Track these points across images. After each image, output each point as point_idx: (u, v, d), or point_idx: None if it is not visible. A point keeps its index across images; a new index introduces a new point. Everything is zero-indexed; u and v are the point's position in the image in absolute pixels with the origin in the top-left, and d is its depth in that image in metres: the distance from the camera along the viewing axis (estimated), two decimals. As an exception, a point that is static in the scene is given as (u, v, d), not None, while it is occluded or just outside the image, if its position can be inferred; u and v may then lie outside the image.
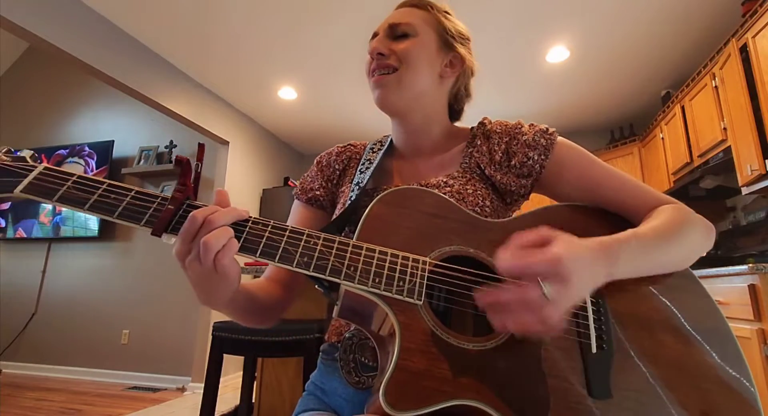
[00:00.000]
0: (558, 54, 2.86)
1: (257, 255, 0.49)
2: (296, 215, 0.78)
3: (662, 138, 3.16)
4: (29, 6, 2.17)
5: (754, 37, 2.07)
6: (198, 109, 3.30)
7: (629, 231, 0.54)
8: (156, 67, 2.94)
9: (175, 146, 3.84)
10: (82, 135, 4.18)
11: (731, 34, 2.28)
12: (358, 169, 0.76)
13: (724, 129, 2.35)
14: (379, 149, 0.78)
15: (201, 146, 0.56)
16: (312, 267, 0.49)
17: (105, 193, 0.50)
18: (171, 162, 3.78)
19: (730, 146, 2.32)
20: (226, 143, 3.65)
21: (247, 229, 0.50)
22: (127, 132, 4.05)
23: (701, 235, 0.60)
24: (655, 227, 0.56)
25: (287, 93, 3.48)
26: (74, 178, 0.51)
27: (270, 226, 0.51)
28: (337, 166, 0.78)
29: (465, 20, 0.75)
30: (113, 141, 3.92)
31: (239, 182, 3.80)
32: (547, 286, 0.42)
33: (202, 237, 0.45)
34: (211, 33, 2.72)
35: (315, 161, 0.82)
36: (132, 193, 0.51)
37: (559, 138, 0.67)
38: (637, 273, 0.54)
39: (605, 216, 0.63)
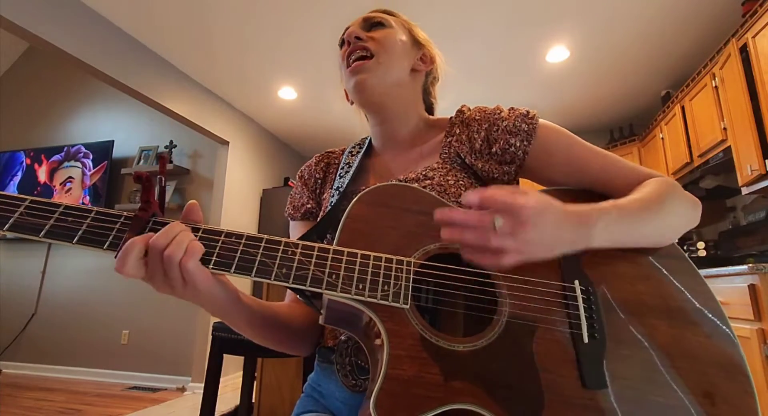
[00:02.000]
0: (558, 54, 2.85)
1: (232, 270, 0.47)
2: (296, 234, 0.77)
3: (662, 138, 3.16)
4: (29, 6, 2.17)
5: (754, 37, 2.07)
6: (198, 109, 3.30)
7: (610, 201, 0.54)
8: (156, 67, 2.94)
9: (175, 146, 3.84)
10: (82, 135, 4.18)
11: (731, 34, 2.28)
12: (338, 174, 0.75)
13: (724, 129, 2.35)
14: (358, 152, 0.77)
15: (162, 159, 0.53)
16: (291, 279, 0.47)
17: (62, 217, 0.47)
18: (171, 162, 3.78)
19: (730, 146, 2.31)
20: (226, 143, 3.65)
21: (219, 244, 0.48)
22: (127, 132, 4.05)
23: (686, 207, 0.60)
24: (637, 198, 0.55)
25: (287, 93, 3.48)
26: (27, 203, 0.47)
27: (244, 238, 0.48)
28: (317, 175, 0.78)
29: (464, 20, 0.76)
30: (113, 141, 3.92)
31: (239, 182, 3.80)
32: (499, 219, 0.43)
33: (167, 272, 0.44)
34: (212, 33, 2.72)
35: (297, 176, 0.82)
36: (92, 215, 0.47)
37: (541, 120, 0.65)
38: (620, 243, 0.54)
39: (593, 198, 0.62)
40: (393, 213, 0.54)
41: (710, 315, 0.54)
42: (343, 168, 0.75)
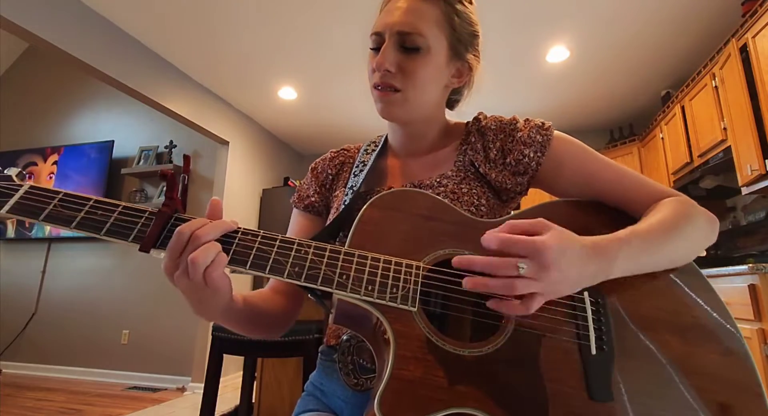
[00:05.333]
0: (558, 54, 2.85)
1: (247, 267, 0.48)
2: (295, 224, 0.78)
3: (662, 138, 3.16)
4: (29, 6, 2.16)
5: (754, 37, 2.07)
6: (198, 109, 3.30)
7: (629, 228, 0.53)
8: (156, 67, 2.94)
9: (175, 146, 3.84)
10: (82, 135, 4.18)
11: (731, 34, 2.28)
12: (352, 172, 0.74)
13: (724, 129, 2.35)
14: (373, 150, 0.77)
15: (186, 158, 0.56)
16: (303, 277, 0.48)
17: (92, 210, 0.50)
18: (171, 162, 3.78)
19: (730, 146, 2.31)
20: (226, 143, 3.65)
21: (236, 241, 0.49)
22: (127, 132, 4.05)
23: (704, 229, 0.59)
24: (655, 223, 0.54)
25: (287, 93, 3.48)
26: (60, 196, 0.50)
27: (260, 237, 0.50)
28: (330, 171, 0.78)
29: None
30: (113, 141, 3.92)
31: (239, 182, 3.80)
32: (523, 264, 0.42)
33: (189, 252, 0.45)
34: (212, 33, 2.72)
35: (310, 167, 0.81)
36: (119, 209, 0.50)
37: (556, 132, 0.66)
38: (639, 271, 0.53)
39: (605, 211, 0.62)
40: (404, 217, 0.55)
41: (726, 333, 0.53)
42: (357, 167, 0.74)
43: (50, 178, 3.99)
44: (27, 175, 0.56)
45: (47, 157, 4.06)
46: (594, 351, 0.49)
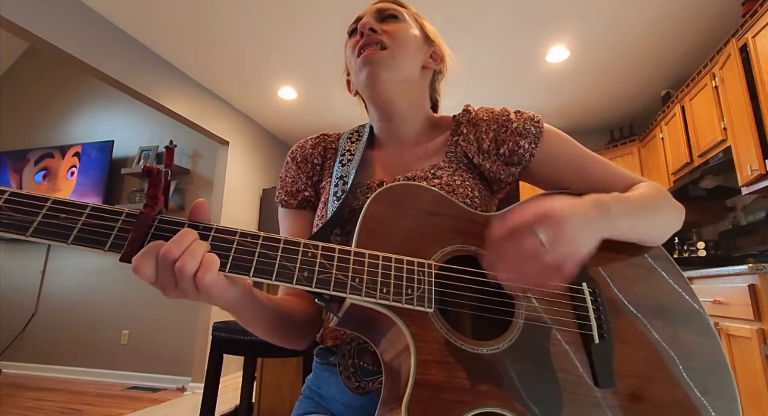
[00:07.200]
0: (558, 54, 2.85)
1: (251, 274, 0.43)
2: (290, 225, 0.72)
3: (662, 138, 3.16)
4: (29, 6, 2.16)
5: (754, 37, 2.07)
6: (198, 109, 3.30)
7: (615, 193, 0.57)
8: (156, 67, 2.94)
9: (175, 146, 3.80)
10: (82, 135, 4.18)
11: (731, 34, 2.28)
12: (338, 161, 0.71)
13: (724, 129, 2.35)
14: (357, 139, 0.74)
15: (169, 150, 0.48)
16: (315, 283, 0.45)
17: (51, 213, 0.40)
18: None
19: (730, 146, 2.31)
20: (226, 143, 3.65)
21: (234, 245, 0.44)
22: (127, 132, 4.05)
23: (675, 211, 0.64)
24: (638, 194, 0.59)
25: (287, 93, 3.48)
26: (7, 195, 0.40)
27: (261, 239, 0.45)
28: (315, 161, 0.73)
29: (464, 20, 0.76)
30: (113, 141, 3.92)
31: (239, 182, 3.80)
32: (542, 232, 0.42)
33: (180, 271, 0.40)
34: (211, 33, 2.72)
35: (288, 158, 0.75)
36: (87, 211, 0.41)
37: (546, 125, 0.67)
38: (631, 231, 0.56)
39: None
40: (408, 213, 0.54)
41: (697, 313, 0.58)
42: (343, 155, 0.71)
43: (72, 173, 3.90)
44: (44, 172, 0.47)
45: (65, 153, 3.99)
46: (597, 340, 0.51)
